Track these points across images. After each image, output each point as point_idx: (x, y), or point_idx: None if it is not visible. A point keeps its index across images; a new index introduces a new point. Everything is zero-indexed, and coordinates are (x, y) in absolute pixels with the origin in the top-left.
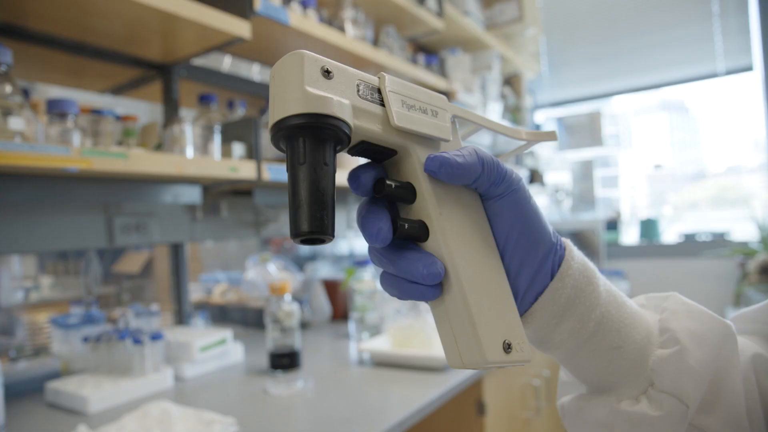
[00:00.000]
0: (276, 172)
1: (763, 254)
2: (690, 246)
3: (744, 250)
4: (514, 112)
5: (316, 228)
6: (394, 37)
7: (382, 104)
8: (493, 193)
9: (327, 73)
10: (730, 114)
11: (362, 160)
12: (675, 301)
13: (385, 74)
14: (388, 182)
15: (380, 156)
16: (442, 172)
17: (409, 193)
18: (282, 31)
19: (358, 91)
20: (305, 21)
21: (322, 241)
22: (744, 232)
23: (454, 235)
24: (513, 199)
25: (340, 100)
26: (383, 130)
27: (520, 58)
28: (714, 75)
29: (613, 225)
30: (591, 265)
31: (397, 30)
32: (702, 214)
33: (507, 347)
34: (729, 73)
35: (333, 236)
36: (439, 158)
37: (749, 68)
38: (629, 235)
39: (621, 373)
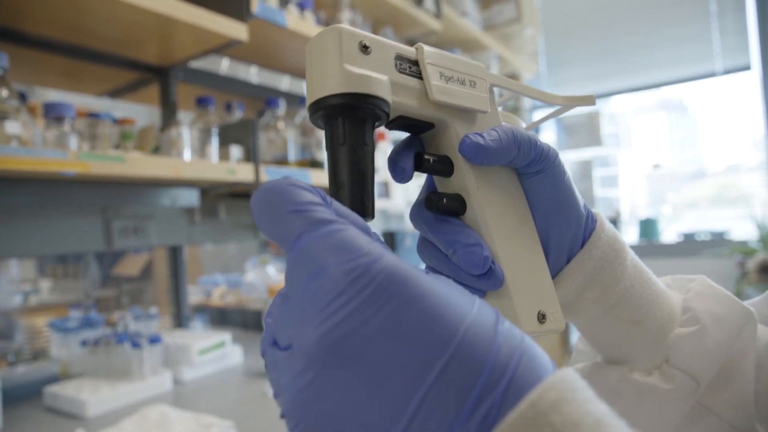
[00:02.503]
0: (274, 174)
1: (763, 253)
2: (689, 245)
3: (743, 249)
4: (512, 113)
5: (356, 210)
6: (392, 38)
7: (420, 77)
8: (528, 170)
9: (365, 48)
10: (729, 113)
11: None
12: (701, 283)
13: (423, 45)
14: (426, 157)
15: (418, 129)
16: (477, 158)
17: (447, 167)
18: (279, 33)
19: (396, 65)
20: (302, 23)
21: None
22: (743, 231)
23: (492, 209)
24: (548, 175)
25: (378, 78)
26: (421, 104)
27: (519, 59)
28: (712, 74)
29: (612, 225)
30: (621, 239)
31: (394, 31)
32: (701, 214)
33: (542, 317)
34: (727, 72)
35: (373, 216)
36: (473, 144)
37: (747, 67)
38: (629, 235)
39: (637, 347)
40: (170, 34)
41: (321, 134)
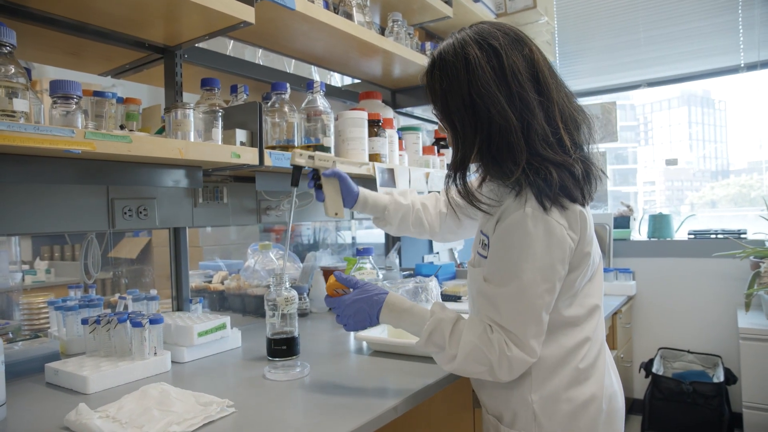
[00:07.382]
0: (278, 158)
1: None
2: (701, 244)
3: (757, 251)
4: None
5: None
6: (401, 23)
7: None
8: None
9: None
10: (754, 108)
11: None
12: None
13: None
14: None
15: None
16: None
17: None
18: (287, 16)
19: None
20: (311, 6)
21: None
22: (762, 231)
23: (330, 189)
24: (343, 179)
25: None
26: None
27: None
28: (737, 68)
29: (626, 222)
30: (373, 197)
31: (404, 16)
32: (721, 212)
33: (335, 214)
34: (753, 66)
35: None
36: (329, 172)
37: None
38: (644, 232)
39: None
40: (178, 14)
41: (326, 119)
